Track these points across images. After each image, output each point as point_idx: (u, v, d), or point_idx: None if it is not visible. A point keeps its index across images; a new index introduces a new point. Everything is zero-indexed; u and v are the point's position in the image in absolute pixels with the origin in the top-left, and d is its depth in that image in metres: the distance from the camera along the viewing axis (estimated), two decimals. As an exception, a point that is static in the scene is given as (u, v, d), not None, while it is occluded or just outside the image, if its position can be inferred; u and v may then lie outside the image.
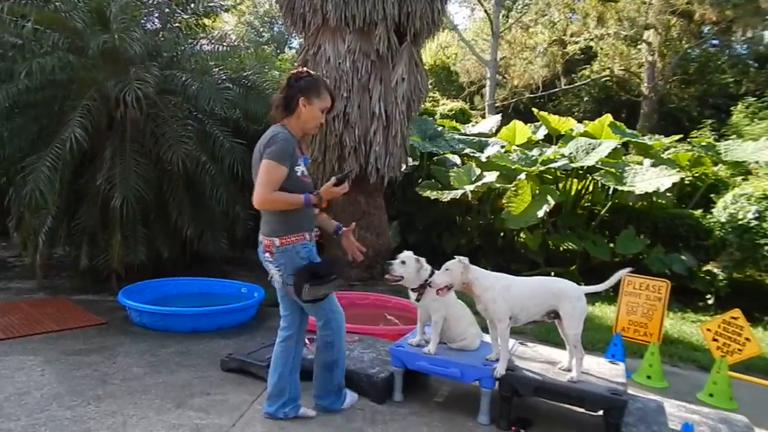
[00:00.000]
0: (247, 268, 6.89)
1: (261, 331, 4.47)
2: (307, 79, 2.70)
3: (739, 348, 3.67)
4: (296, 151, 2.65)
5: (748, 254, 6.20)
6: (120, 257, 5.10)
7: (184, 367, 3.65)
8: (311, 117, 2.70)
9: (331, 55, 6.12)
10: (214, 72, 6.09)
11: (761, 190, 6.37)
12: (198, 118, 5.86)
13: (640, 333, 4.13)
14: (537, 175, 7.66)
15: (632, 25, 17.72)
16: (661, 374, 3.96)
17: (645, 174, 7.14)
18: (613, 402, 2.80)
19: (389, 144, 6.21)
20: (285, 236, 2.64)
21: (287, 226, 2.65)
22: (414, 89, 6.31)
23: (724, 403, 3.59)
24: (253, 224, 6.24)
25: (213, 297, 5.09)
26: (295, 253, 2.65)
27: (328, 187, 2.62)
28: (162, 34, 6.17)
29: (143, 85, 4.90)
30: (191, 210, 5.56)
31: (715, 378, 3.68)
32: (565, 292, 3.03)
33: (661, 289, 4.10)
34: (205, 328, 4.35)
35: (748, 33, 17.58)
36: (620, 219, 7.53)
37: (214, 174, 5.55)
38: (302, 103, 2.66)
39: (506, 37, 19.32)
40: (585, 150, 7.44)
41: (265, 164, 2.55)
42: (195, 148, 5.37)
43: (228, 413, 3.02)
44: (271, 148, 2.56)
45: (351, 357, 3.50)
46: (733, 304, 4.34)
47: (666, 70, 17.62)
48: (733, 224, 6.32)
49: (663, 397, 3.45)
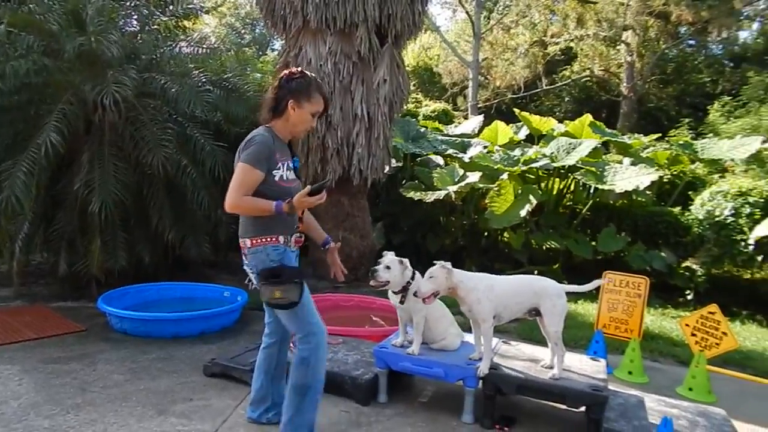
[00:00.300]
0: (230, 271, 6.84)
1: (244, 335, 4.43)
2: (299, 81, 2.56)
3: (716, 342, 3.75)
4: (276, 154, 2.51)
5: (725, 250, 6.33)
6: (99, 263, 5.01)
7: (166, 373, 3.60)
8: (300, 120, 2.58)
9: (312, 57, 6.11)
10: (194, 74, 6.01)
11: (737, 187, 6.51)
12: (178, 121, 5.79)
13: (621, 329, 4.19)
14: (519, 175, 7.73)
15: (611, 26, 18.00)
16: (642, 369, 4.02)
17: (625, 173, 7.26)
18: (595, 398, 2.83)
19: (372, 145, 6.22)
20: (256, 237, 2.53)
21: (259, 227, 2.53)
22: (396, 90, 6.33)
23: (703, 396, 3.66)
24: (235, 228, 6.19)
25: (195, 302, 5.03)
26: (265, 254, 2.53)
27: (301, 197, 2.41)
28: (140, 36, 6.09)
29: (121, 88, 4.82)
30: (172, 214, 5.49)
31: (694, 372, 3.75)
32: (546, 290, 3.06)
33: (641, 286, 4.16)
34: (187, 334, 4.30)
35: (723, 33, 17.98)
36: (601, 217, 7.63)
37: (195, 177, 5.50)
38: (291, 105, 2.53)
39: (488, 39, 19.48)
40: (566, 150, 7.53)
41: (238, 167, 2.45)
42: (175, 152, 5.31)
43: (211, 419, 2.99)
44: (246, 150, 2.46)
45: (335, 359, 3.50)
46: (712, 300, 4.43)
47: (644, 70, 17.92)
48: (711, 221, 6.45)
49: (644, 391, 3.50)
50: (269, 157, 2.48)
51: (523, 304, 3.07)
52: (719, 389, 3.76)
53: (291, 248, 2.63)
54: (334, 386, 3.28)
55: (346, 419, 3.05)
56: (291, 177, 2.60)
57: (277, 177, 2.52)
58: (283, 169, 2.54)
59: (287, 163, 2.58)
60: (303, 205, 2.46)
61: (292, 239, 2.62)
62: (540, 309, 3.05)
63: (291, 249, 2.63)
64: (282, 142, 2.59)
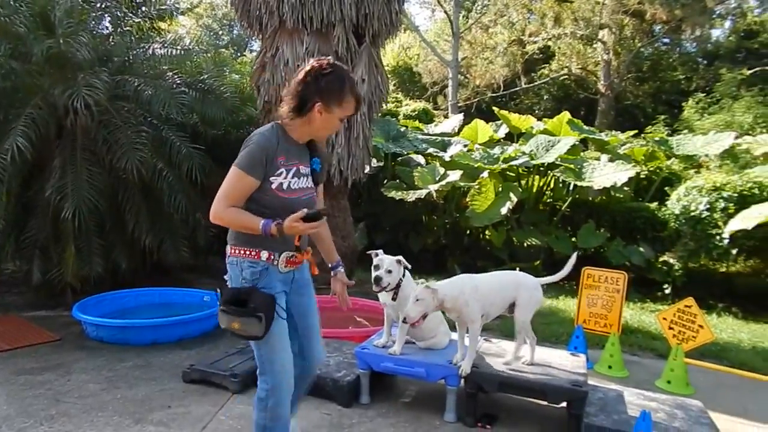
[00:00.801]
0: (210, 275, 6.74)
1: (224, 340, 4.36)
2: (330, 79, 2.09)
3: (693, 335, 3.81)
4: (279, 158, 2.10)
5: (701, 244, 6.45)
6: (74, 270, 4.90)
7: (144, 380, 3.53)
8: (325, 126, 2.16)
9: (289, 57, 6.05)
10: (169, 76, 5.92)
11: (711, 183, 6.63)
12: (153, 123, 5.69)
13: (601, 324, 4.23)
14: (499, 173, 7.78)
15: (587, 24, 18.26)
16: (622, 364, 4.06)
17: (603, 169, 7.35)
18: (574, 393, 2.86)
19: (351, 146, 6.19)
20: (235, 246, 2.17)
21: (241, 236, 2.16)
22: (375, 90, 6.31)
23: (681, 389, 3.71)
24: (215, 232, 6.12)
25: (174, 307, 4.95)
26: (239, 269, 2.15)
27: (293, 221, 2.01)
28: (112, 38, 5.98)
29: (93, 91, 4.72)
30: (149, 218, 5.40)
31: (672, 365, 3.80)
32: (525, 283, 3.13)
33: (619, 281, 4.21)
34: (165, 340, 4.22)
35: (696, 31, 18.38)
36: (581, 214, 7.72)
37: (171, 181, 5.41)
38: (318, 109, 2.09)
39: (467, 38, 19.60)
40: (545, 147, 7.60)
41: (230, 172, 2.07)
42: (150, 155, 5.21)
43: (190, 426, 2.93)
44: (241, 152, 2.09)
45: (316, 362, 3.47)
46: (689, 293, 4.52)
47: (621, 68, 18.20)
48: (687, 216, 6.56)
49: (623, 385, 3.54)
50: (267, 161, 2.08)
51: (506, 299, 3.10)
52: (696, 381, 3.82)
53: (280, 269, 2.17)
54: (316, 389, 3.23)
55: (327, 422, 3.02)
56: (298, 185, 2.16)
57: (275, 185, 2.10)
58: (287, 175, 2.13)
59: (296, 168, 2.16)
60: (293, 231, 2.04)
61: (281, 258, 2.16)
62: (517, 300, 3.08)
63: (280, 270, 2.17)
64: (293, 143, 2.18)
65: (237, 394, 3.30)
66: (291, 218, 2.02)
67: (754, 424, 3.29)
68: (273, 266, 2.16)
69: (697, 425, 2.84)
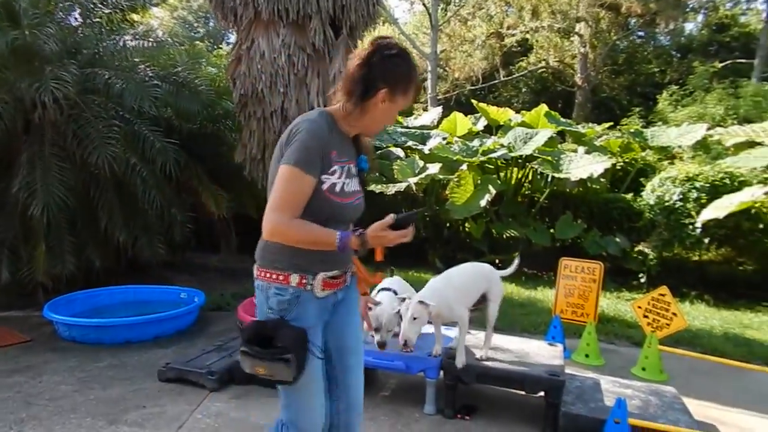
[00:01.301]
0: (189, 272, 6.66)
1: (202, 337, 4.31)
2: (398, 61, 1.72)
3: (667, 323, 3.88)
4: (333, 152, 1.72)
5: (674, 234, 6.57)
6: (45, 269, 4.77)
7: (118, 381, 3.46)
8: (384, 117, 1.79)
9: (265, 50, 5.95)
10: (141, 69, 5.78)
11: (684, 173, 6.76)
12: (125, 117, 5.55)
13: (578, 314, 4.29)
14: (478, 166, 7.81)
15: (564, 17, 18.40)
16: (598, 352, 4.12)
17: (579, 161, 7.43)
18: (552, 383, 2.89)
19: (330, 139, 6.14)
20: (263, 268, 1.77)
21: (270, 255, 1.75)
22: (353, 83, 6.26)
23: (655, 375, 3.79)
24: (192, 227, 6.03)
25: (150, 305, 4.85)
26: (265, 296, 1.76)
27: (379, 229, 1.65)
28: (81, 30, 5.80)
29: (61, 84, 4.58)
30: (122, 215, 5.27)
31: (647, 352, 3.87)
32: (494, 277, 3.20)
33: (596, 271, 4.27)
34: (140, 338, 4.15)
35: (670, 25, 18.69)
36: (558, 205, 7.80)
37: (145, 176, 5.29)
38: (383, 96, 1.71)
39: (445, 30, 19.58)
40: (523, 139, 7.65)
41: (280, 172, 1.64)
42: (123, 150, 5.09)
43: (166, 426, 2.88)
44: (291, 146, 1.65)
45: (295, 357, 3.44)
46: (663, 282, 4.59)
47: (597, 61, 18.41)
48: (661, 206, 6.68)
49: (600, 374, 3.59)
50: (322, 156, 1.69)
51: (479, 289, 3.14)
52: (670, 368, 3.90)
53: (316, 294, 1.75)
54: (295, 385, 3.24)
55: (307, 418, 2.99)
56: (350, 188, 1.78)
57: (327, 185, 1.70)
58: (341, 174, 1.74)
59: (348, 166, 1.78)
60: (380, 242, 1.68)
61: (317, 280, 1.74)
62: (488, 294, 3.13)
63: (317, 295, 1.76)
64: (343, 135, 1.79)
65: (214, 392, 3.26)
66: (376, 227, 1.66)
67: (725, 408, 3.37)
68: (306, 292, 1.73)
69: (671, 411, 2.89)
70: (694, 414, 2.90)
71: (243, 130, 6.21)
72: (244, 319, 4.26)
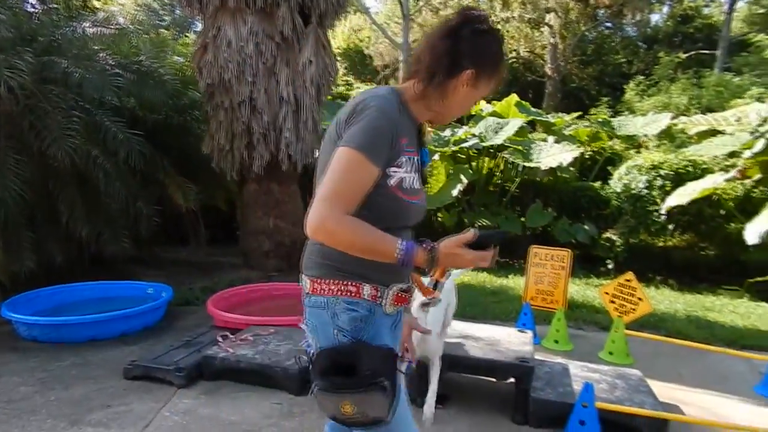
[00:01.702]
0: (157, 267, 6.50)
1: (170, 332, 4.21)
2: (489, 40, 1.43)
3: (633, 308, 3.97)
4: (403, 138, 1.39)
5: (640, 220, 6.74)
6: (2, 266, 4.58)
7: (81, 380, 3.35)
8: (463, 105, 1.50)
9: (232, 38, 5.82)
10: (101, 57, 5.56)
11: (650, 161, 6.92)
12: (85, 108, 5.33)
13: (548, 301, 4.35)
14: (450, 156, 7.84)
15: (535, 8, 18.55)
16: (567, 338, 4.20)
17: (549, 150, 7.52)
18: (522, 369, 2.92)
19: (300, 130, 6.05)
20: (322, 279, 1.42)
21: (330, 261, 1.42)
22: (323, 72, 6.17)
23: (621, 359, 3.88)
24: (159, 221, 5.87)
25: (116, 301, 4.71)
26: (331, 314, 1.40)
27: (455, 245, 1.35)
28: (37, 15, 5.55)
29: (16, 73, 4.38)
30: (84, 209, 5.09)
31: (614, 337, 3.96)
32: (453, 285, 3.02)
33: (565, 258, 4.33)
34: (106, 336, 4.02)
35: (636, 16, 19.05)
36: (529, 194, 7.90)
37: (108, 168, 5.12)
38: (468, 77, 1.41)
39: (417, 20, 19.50)
40: (494, 129, 7.69)
41: (340, 156, 1.32)
42: (84, 142, 4.90)
43: (132, 424, 2.81)
44: (355, 126, 1.34)
45: (266, 351, 3.40)
46: (630, 267, 4.69)
47: (567, 51, 18.65)
48: (627, 194, 6.83)
49: (569, 359, 3.65)
50: (391, 143, 1.36)
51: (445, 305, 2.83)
52: (636, 351, 4.00)
53: (387, 310, 1.45)
54: (266, 378, 3.20)
55: (278, 411, 2.96)
56: (417, 185, 1.47)
57: (394, 180, 1.39)
58: (410, 167, 1.42)
59: (415, 158, 1.45)
60: (454, 263, 1.38)
61: (390, 293, 1.44)
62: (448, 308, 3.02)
63: (386, 311, 1.45)
64: (412, 120, 1.47)
65: (183, 389, 3.19)
66: (452, 243, 1.34)
67: (688, 389, 3.48)
68: (377, 306, 1.42)
69: (636, 393, 2.96)
70: (659, 395, 2.97)
71: (210, 120, 6.08)
72: (214, 314, 4.20)
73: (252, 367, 3.24)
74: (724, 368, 3.86)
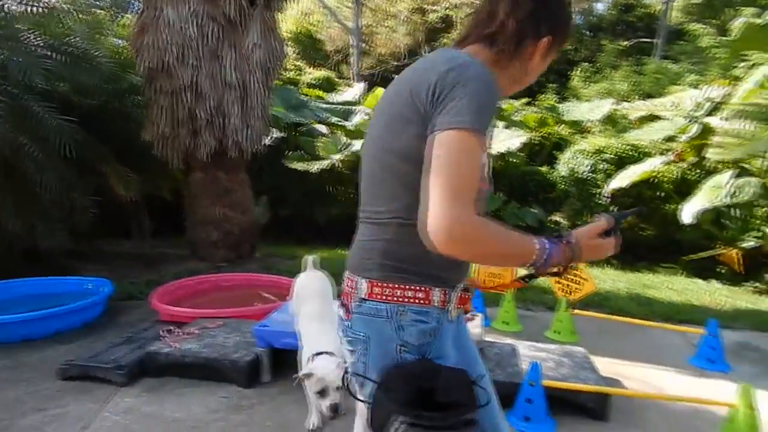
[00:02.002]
0: (99, 261, 6.18)
1: (111, 329, 4.01)
2: (567, 9, 1.29)
3: (578, 287, 4.10)
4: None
5: (585, 203, 6.98)
6: None
7: (13, 383, 3.14)
8: (530, 76, 1.32)
9: (173, 19, 5.55)
10: (27, 38, 5.18)
11: (594, 146, 7.15)
12: (11, 92, 4.97)
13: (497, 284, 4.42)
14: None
15: (484, -6, 18.69)
16: (516, 319, 4.30)
17: (499, 135, 7.64)
18: (471, 352, 2.95)
19: (248, 115, 5.87)
20: (385, 283, 1.18)
21: (392, 260, 1.18)
22: (270, 56, 6.00)
23: (567, 337, 4.01)
24: (97, 212, 5.57)
25: (52, 298, 4.44)
26: (394, 327, 1.16)
27: (593, 234, 1.18)
28: (-49, -9, 5.10)
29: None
30: (12, 200, 4.76)
31: (560, 317, 4.09)
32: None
33: (513, 242, 4.41)
34: (39, 335, 3.79)
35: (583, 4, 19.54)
36: (480, 179, 8.01)
37: (38, 157, 4.80)
38: (545, 44, 1.24)
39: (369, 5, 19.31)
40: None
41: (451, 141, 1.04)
42: (10, 128, 4.57)
43: (69, 427, 2.66)
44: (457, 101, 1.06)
45: (213, 344, 3.30)
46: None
47: (516, 38, 18.95)
48: (573, 177, 7.04)
49: (518, 339, 3.74)
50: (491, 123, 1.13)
51: None
52: (582, 329, 4.14)
53: (450, 316, 1.22)
54: (213, 372, 3.11)
55: (226, 405, 2.88)
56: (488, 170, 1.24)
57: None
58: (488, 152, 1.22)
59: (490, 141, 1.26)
60: (596, 255, 1.20)
61: (454, 296, 1.22)
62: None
63: (450, 318, 1.22)
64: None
65: (124, 387, 3.05)
66: (590, 232, 1.18)
67: (629, 363, 3.63)
68: (444, 312, 1.20)
69: (581, 370, 3.06)
70: (602, 371, 3.09)
71: (151, 106, 5.80)
72: (158, 308, 4.03)
73: (198, 361, 3.13)
74: (663, 342, 4.06)
